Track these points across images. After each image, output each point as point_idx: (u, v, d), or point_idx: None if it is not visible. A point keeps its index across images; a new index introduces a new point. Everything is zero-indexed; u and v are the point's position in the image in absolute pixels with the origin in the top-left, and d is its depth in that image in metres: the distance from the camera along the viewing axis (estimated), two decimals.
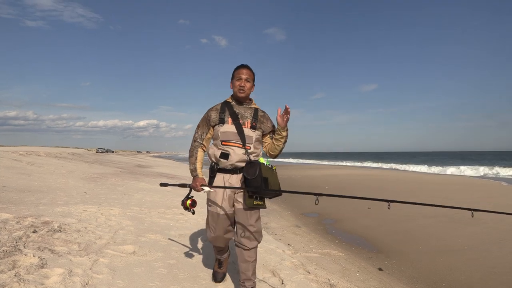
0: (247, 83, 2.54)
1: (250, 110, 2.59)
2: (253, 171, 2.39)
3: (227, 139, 2.49)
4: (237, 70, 2.57)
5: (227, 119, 2.52)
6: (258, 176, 2.37)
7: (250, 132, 2.53)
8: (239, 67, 2.58)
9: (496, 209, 8.03)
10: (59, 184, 8.14)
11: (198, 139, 2.62)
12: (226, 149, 2.48)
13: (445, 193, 11.32)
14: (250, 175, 2.40)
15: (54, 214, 4.53)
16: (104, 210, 5.28)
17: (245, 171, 2.42)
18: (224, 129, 2.50)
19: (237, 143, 2.48)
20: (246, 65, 2.60)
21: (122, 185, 9.36)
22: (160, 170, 20.31)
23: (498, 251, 4.72)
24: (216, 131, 2.55)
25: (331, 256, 4.53)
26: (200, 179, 2.50)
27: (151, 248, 3.64)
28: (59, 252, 3.11)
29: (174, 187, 3.99)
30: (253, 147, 2.53)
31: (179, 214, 5.69)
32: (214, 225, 2.60)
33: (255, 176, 2.37)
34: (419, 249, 4.98)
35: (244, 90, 2.53)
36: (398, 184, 14.81)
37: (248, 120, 2.55)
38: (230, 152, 2.47)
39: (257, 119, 2.57)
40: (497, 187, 13.62)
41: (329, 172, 23.75)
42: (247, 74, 2.54)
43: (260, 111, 2.63)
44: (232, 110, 2.54)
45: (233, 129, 2.50)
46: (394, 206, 8.47)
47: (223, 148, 2.49)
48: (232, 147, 2.48)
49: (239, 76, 2.53)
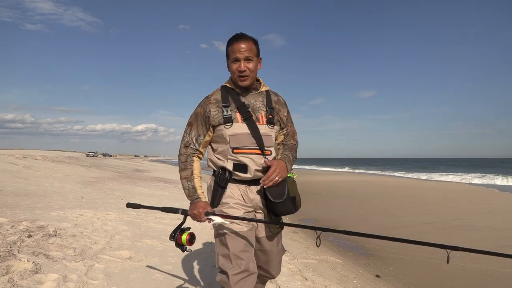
0: (249, 63, 1.79)
1: (262, 97, 1.88)
2: (281, 192, 1.76)
3: (240, 144, 1.78)
4: (231, 46, 1.81)
5: (235, 116, 1.80)
6: (288, 198, 1.76)
7: (268, 130, 1.84)
8: (233, 41, 1.81)
9: (491, 215, 8.07)
10: (56, 188, 8.10)
11: (191, 144, 1.87)
12: (240, 159, 1.78)
13: (444, 200, 11.33)
14: (276, 197, 1.74)
15: (49, 219, 4.49)
16: (101, 215, 5.24)
17: (269, 191, 1.75)
18: (233, 130, 1.78)
19: (254, 149, 1.80)
20: (242, 35, 1.82)
21: (119, 190, 9.32)
22: (158, 174, 20.27)
23: (495, 258, 4.69)
24: (220, 134, 1.81)
25: (328, 262, 4.51)
26: (203, 204, 1.79)
27: (148, 253, 3.61)
28: (54, 257, 3.07)
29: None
30: (274, 151, 1.88)
31: (177, 220, 5.66)
32: (240, 252, 1.71)
33: (284, 199, 1.75)
34: (417, 255, 4.96)
35: (247, 75, 1.80)
36: (398, 190, 14.81)
37: (262, 113, 1.84)
38: (248, 163, 1.78)
39: (273, 110, 1.88)
40: (491, 194, 13.65)
41: (327, 178, 23.74)
42: (247, 50, 1.78)
43: (273, 94, 1.94)
44: (240, 102, 1.83)
45: (246, 129, 1.79)
46: (391, 211, 8.42)
47: (235, 157, 1.79)
48: (249, 155, 1.79)
49: (235, 57, 1.78)
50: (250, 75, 1.80)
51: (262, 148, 1.79)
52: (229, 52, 1.81)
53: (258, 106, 1.84)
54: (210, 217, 1.72)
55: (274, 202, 1.74)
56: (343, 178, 23.87)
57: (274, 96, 1.94)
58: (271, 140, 1.85)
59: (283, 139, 2.00)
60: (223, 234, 1.76)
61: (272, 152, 1.85)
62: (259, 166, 1.79)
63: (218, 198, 1.82)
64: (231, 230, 1.74)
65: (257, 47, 1.84)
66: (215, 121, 1.81)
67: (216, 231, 1.82)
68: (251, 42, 1.81)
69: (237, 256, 1.68)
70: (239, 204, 1.80)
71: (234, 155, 1.79)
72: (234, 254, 1.69)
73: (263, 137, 1.80)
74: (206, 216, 1.74)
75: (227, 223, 1.71)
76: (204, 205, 1.78)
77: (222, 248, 1.75)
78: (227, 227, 1.74)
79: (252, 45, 1.80)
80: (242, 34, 1.82)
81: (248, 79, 1.80)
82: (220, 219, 1.70)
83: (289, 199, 1.76)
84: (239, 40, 1.79)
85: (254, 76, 1.83)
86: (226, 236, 1.74)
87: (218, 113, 1.81)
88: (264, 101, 1.87)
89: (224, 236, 1.75)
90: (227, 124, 1.79)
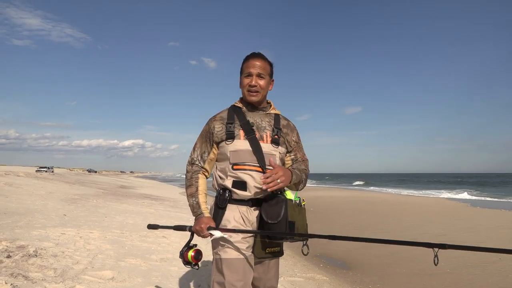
0: (261, 80, 1.82)
1: (269, 118, 1.89)
2: (276, 212, 1.68)
3: (240, 161, 1.77)
4: (246, 63, 1.85)
5: (238, 132, 1.81)
6: (283, 221, 1.66)
7: (272, 149, 1.82)
8: (249, 57, 1.86)
9: (473, 231, 8.18)
10: (38, 206, 7.90)
11: (196, 161, 1.89)
12: (239, 176, 1.77)
13: (425, 215, 11.46)
14: (271, 217, 1.68)
15: (30, 238, 4.37)
16: (83, 233, 5.12)
17: (264, 210, 1.72)
18: (234, 146, 1.79)
19: (255, 166, 1.77)
20: (258, 54, 1.87)
21: (104, 207, 9.14)
22: (144, 191, 19.98)
23: (480, 274, 4.75)
24: (223, 150, 1.83)
25: (315, 280, 4.48)
26: (206, 220, 1.76)
27: (131, 273, 3.53)
28: (33, 278, 2.98)
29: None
30: None
31: (161, 238, 5.57)
32: (236, 281, 1.66)
33: (278, 221, 1.67)
34: (403, 272, 4.97)
35: (257, 91, 1.82)
36: (381, 206, 14.91)
37: (268, 132, 1.85)
38: (247, 180, 1.76)
39: (280, 130, 1.87)
40: (473, 210, 13.87)
41: (315, 194, 23.78)
42: (261, 68, 1.82)
43: (282, 118, 1.94)
44: (245, 119, 1.83)
45: (247, 146, 1.78)
46: (377, 227, 8.50)
47: (235, 174, 1.78)
48: (248, 172, 1.76)
49: (248, 71, 1.82)
50: (261, 92, 1.83)
51: (264, 166, 1.75)
52: (243, 67, 1.86)
53: (264, 126, 1.85)
54: (211, 232, 1.70)
55: (267, 223, 1.68)
56: (330, 193, 23.95)
57: (283, 120, 1.94)
58: (275, 159, 1.81)
59: (291, 164, 1.94)
60: (219, 260, 1.72)
61: None
62: (259, 183, 1.72)
63: (219, 219, 1.78)
64: (228, 256, 1.69)
65: (271, 68, 1.88)
66: (218, 138, 1.83)
67: (214, 255, 1.78)
68: (266, 62, 1.86)
69: (233, 285, 1.64)
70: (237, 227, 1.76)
71: (234, 171, 1.77)
72: (229, 283, 1.64)
73: (266, 155, 1.78)
74: (208, 231, 1.71)
75: (226, 236, 1.69)
76: (207, 220, 1.76)
77: (218, 275, 1.71)
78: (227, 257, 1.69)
79: (267, 65, 1.85)
80: (259, 53, 1.87)
81: (257, 96, 1.83)
82: (219, 233, 1.67)
83: (285, 223, 1.65)
84: (255, 58, 1.84)
85: (264, 95, 1.87)
86: (222, 263, 1.70)
87: (221, 129, 1.83)
88: (271, 122, 1.87)
89: (220, 262, 1.71)
90: (229, 140, 1.80)
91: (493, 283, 4.39)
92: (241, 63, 1.89)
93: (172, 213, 9.38)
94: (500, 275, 4.68)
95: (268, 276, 1.88)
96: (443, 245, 1.33)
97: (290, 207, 1.70)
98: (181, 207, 11.40)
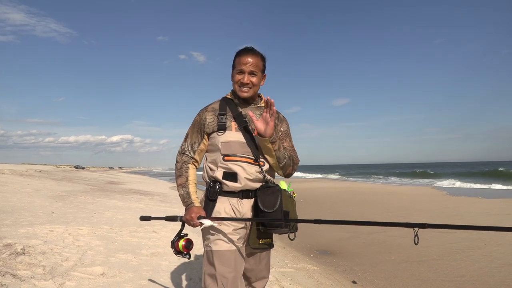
0: (253, 77, 1.83)
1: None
2: (272, 201, 1.71)
3: (232, 152, 1.78)
4: (238, 58, 1.85)
5: (230, 124, 1.83)
6: (279, 209, 1.70)
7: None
8: (242, 53, 1.85)
9: (460, 218, 8.37)
10: (24, 204, 7.77)
11: (186, 151, 1.90)
12: (231, 167, 1.77)
13: (411, 203, 11.66)
14: (267, 206, 1.70)
15: (17, 236, 4.30)
16: (72, 230, 5.07)
17: (260, 199, 1.73)
18: (226, 137, 1.80)
19: (247, 157, 1.79)
20: (251, 49, 1.86)
21: (92, 203, 9.05)
22: (133, 186, 19.82)
23: (466, 260, 4.86)
24: (214, 141, 1.83)
25: (306, 270, 4.53)
26: (196, 209, 1.77)
27: (121, 268, 3.52)
28: (21, 276, 2.94)
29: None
30: (267, 163, 1.86)
31: (152, 232, 5.55)
32: (228, 273, 1.67)
33: (275, 210, 1.69)
34: (392, 259, 5.06)
35: (248, 89, 1.84)
36: (369, 196, 15.10)
37: None
38: (238, 171, 1.77)
39: None
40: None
41: (304, 185, 23.93)
42: (253, 64, 1.82)
43: None
44: (237, 111, 1.86)
45: (240, 137, 1.80)
46: (366, 216, 8.58)
47: (226, 165, 1.78)
48: (239, 163, 1.77)
49: (240, 68, 1.82)
50: (252, 88, 1.85)
51: (257, 157, 1.79)
52: (235, 63, 1.86)
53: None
54: (201, 221, 1.71)
55: (264, 212, 1.71)
56: (319, 185, 24.13)
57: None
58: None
59: None
60: (210, 252, 1.73)
61: (265, 163, 1.84)
62: (250, 175, 1.77)
63: (209, 212, 1.79)
64: (220, 248, 1.71)
65: (263, 63, 1.89)
66: (209, 128, 1.84)
67: (205, 247, 1.80)
68: (259, 57, 1.86)
69: (224, 277, 1.65)
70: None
71: (225, 162, 1.78)
72: (221, 274, 1.66)
73: (259, 147, 1.81)
74: (198, 220, 1.72)
75: (215, 225, 1.71)
76: (197, 209, 1.77)
77: (209, 267, 1.73)
78: (218, 249, 1.71)
79: (259, 61, 1.85)
80: (251, 48, 1.86)
81: (249, 92, 1.84)
82: (209, 222, 1.69)
83: (280, 212, 1.69)
84: (248, 54, 1.83)
85: (255, 90, 1.89)
86: (213, 255, 1.71)
87: (213, 120, 1.85)
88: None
89: (211, 254, 1.72)
90: (220, 131, 1.81)
91: (479, 267, 4.51)
92: (234, 57, 1.88)
93: (162, 208, 9.34)
94: (485, 260, 4.80)
95: (259, 267, 1.93)
96: (423, 225, 1.37)
97: (284, 197, 1.75)
98: (171, 202, 11.36)
